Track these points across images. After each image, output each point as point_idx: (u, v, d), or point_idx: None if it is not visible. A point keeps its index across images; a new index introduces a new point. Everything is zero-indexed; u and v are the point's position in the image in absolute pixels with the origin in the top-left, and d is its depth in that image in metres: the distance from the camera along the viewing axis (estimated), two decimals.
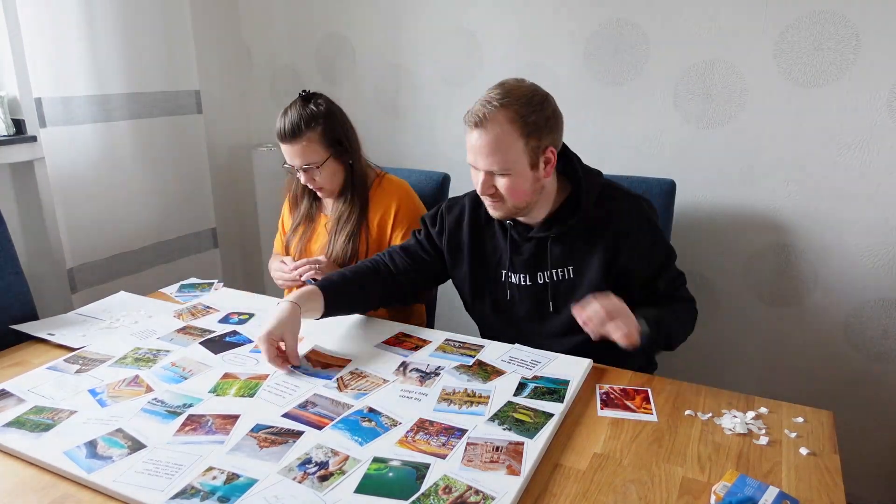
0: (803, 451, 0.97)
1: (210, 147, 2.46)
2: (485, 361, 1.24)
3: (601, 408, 1.10)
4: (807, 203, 1.76)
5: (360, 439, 0.99)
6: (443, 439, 0.99)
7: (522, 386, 1.15)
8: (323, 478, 0.90)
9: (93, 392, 1.14)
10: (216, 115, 2.51)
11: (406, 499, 0.86)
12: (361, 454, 0.95)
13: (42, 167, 1.95)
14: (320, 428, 1.02)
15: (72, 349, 1.32)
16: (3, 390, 1.14)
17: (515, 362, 1.23)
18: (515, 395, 1.11)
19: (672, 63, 1.82)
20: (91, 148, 2.02)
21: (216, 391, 1.14)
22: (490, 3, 2.02)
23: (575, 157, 1.32)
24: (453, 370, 1.20)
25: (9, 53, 1.87)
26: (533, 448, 0.96)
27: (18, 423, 1.04)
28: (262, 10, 2.46)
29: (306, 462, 0.93)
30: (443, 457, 0.94)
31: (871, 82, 1.62)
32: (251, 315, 1.48)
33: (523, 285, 1.35)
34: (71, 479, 0.92)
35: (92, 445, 0.98)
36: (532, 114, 1.18)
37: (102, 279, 2.11)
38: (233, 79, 2.57)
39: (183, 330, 1.40)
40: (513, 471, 0.91)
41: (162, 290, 1.67)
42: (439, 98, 2.19)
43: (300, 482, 0.89)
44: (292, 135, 1.51)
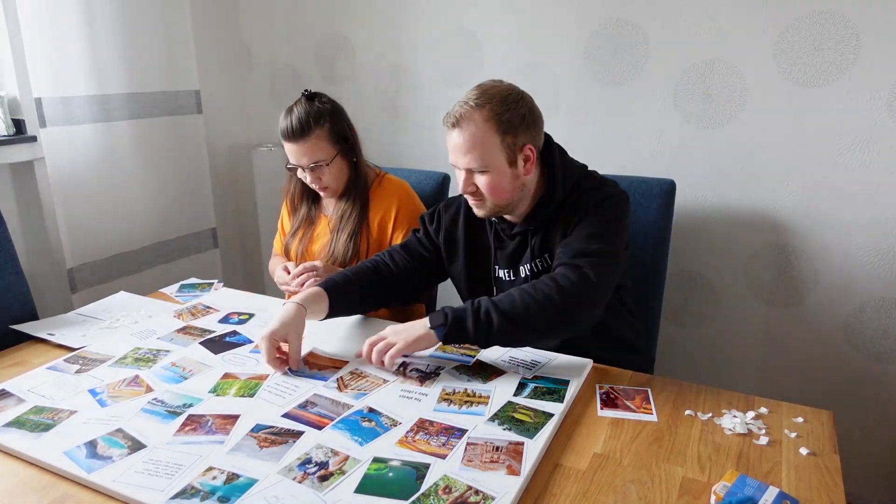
0: (803, 451, 0.97)
1: (210, 147, 2.46)
2: (485, 361, 1.24)
3: (601, 408, 1.10)
4: (807, 203, 1.76)
5: (360, 439, 0.99)
6: (443, 439, 0.99)
7: (522, 386, 1.15)
8: (323, 478, 0.90)
9: (93, 392, 1.14)
10: (216, 115, 2.51)
11: (406, 499, 0.86)
12: (361, 454, 0.95)
13: (42, 167, 1.95)
14: (320, 428, 1.02)
15: (72, 349, 1.32)
16: (3, 390, 1.14)
17: (515, 362, 1.23)
18: (515, 395, 1.11)
19: (672, 63, 1.82)
20: (91, 148, 2.02)
21: (216, 391, 1.14)
22: (490, 3, 2.02)
23: (557, 151, 1.33)
24: (453, 370, 1.20)
25: (9, 53, 1.87)
26: (533, 448, 0.96)
27: (18, 423, 1.04)
28: (262, 10, 2.46)
29: (306, 462, 0.93)
30: (443, 457, 0.94)
31: (871, 82, 1.62)
32: (251, 315, 1.48)
33: (508, 280, 1.37)
34: (71, 479, 0.92)
35: (92, 445, 0.98)
36: (507, 112, 1.22)
37: (102, 279, 2.11)
38: (233, 79, 2.57)
39: (183, 330, 1.40)
40: (513, 471, 0.91)
41: (162, 290, 1.67)
42: (439, 98, 2.19)
43: (300, 482, 0.89)
44: (301, 132, 1.50)
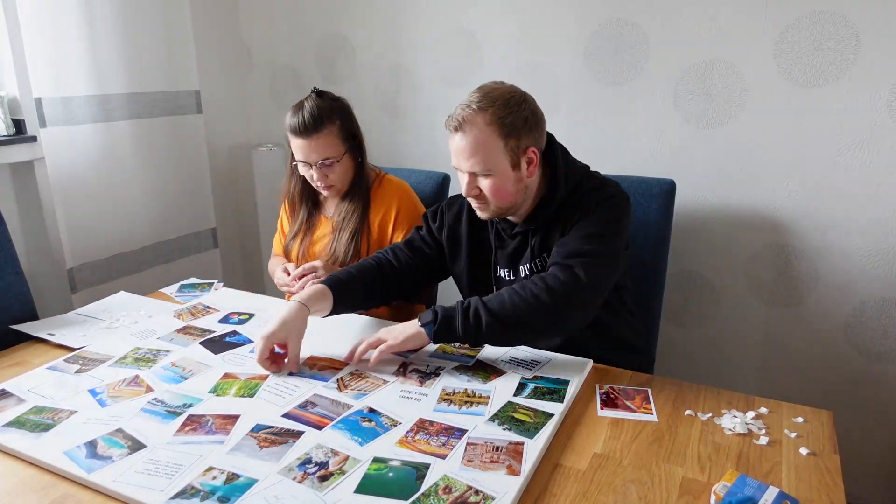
0: (803, 451, 0.97)
1: (210, 147, 2.46)
2: (485, 361, 1.24)
3: (601, 408, 1.10)
4: (807, 203, 1.76)
5: (360, 439, 0.99)
6: (443, 439, 0.99)
7: (522, 386, 1.15)
8: (323, 478, 0.90)
9: (93, 392, 1.14)
10: (216, 115, 2.51)
11: (406, 499, 0.86)
12: (361, 454, 0.95)
13: (42, 167, 1.95)
14: (320, 428, 1.02)
15: (72, 349, 1.32)
16: (3, 390, 1.14)
17: (515, 362, 1.23)
18: (515, 396, 1.11)
19: (672, 63, 1.82)
20: (91, 148, 2.02)
21: (216, 391, 1.14)
22: (490, 3, 2.02)
23: (560, 151, 1.33)
24: (453, 370, 1.20)
25: (9, 53, 1.87)
26: (533, 448, 0.96)
27: (18, 423, 1.04)
28: (262, 10, 2.46)
29: (306, 462, 0.93)
30: (443, 457, 0.94)
31: (871, 82, 1.62)
32: (251, 315, 1.48)
33: (508, 279, 1.38)
34: (71, 479, 0.92)
35: (92, 445, 0.98)
36: (510, 115, 1.21)
37: (102, 279, 2.11)
38: (233, 79, 2.57)
39: (183, 330, 1.40)
40: (513, 471, 0.91)
41: (162, 290, 1.67)
42: (439, 98, 2.19)
43: (300, 482, 0.89)
44: (314, 127, 1.48)
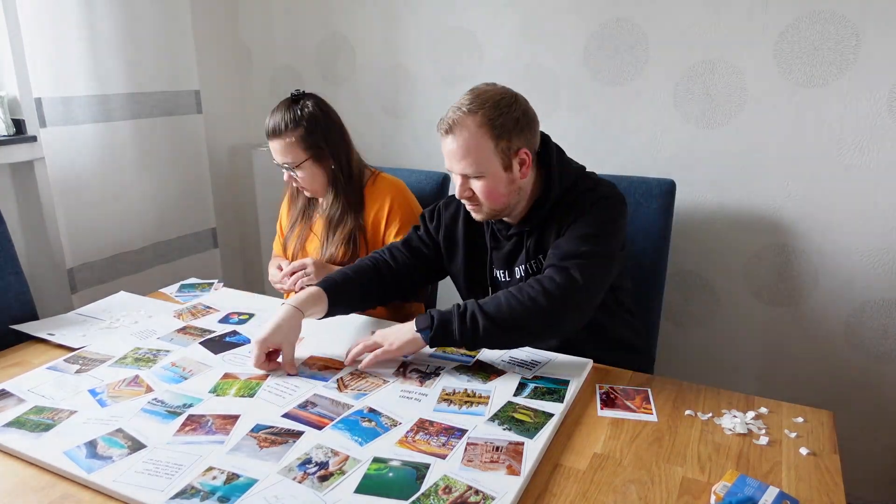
0: (803, 451, 0.97)
1: (210, 147, 2.46)
2: (485, 361, 1.24)
3: (601, 408, 1.10)
4: (807, 203, 1.76)
5: (360, 439, 0.99)
6: (443, 439, 0.99)
7: (522, 386, 1.15)
8: (323, 478, 0.90)
9: (93, 392, 1.14)
10: (216, 115, 2.51)
11: (406, 499, 0.86)
12: (361, 454, 0.95)
13: (42, 167, 1.95)
14: (320, 428, 1.02)
15: (72, 349, 1.32)
16: (3, 390, 1.14)
17: (515, 362, 1.23)
18: (515, 396, 1.11)
19: (672, 63, 1.82)
20: (91, 148, 2.02)
21: (216, 391, 1.14)
22: (490, 3, 2.02)
23: (555, 151, 1.32)
24: (453, 370, 1.21)
25: (9, 53, 1.87)
26: (533, 448, 0.96)
27: (18, 423, 1.04)
28: (262, 10, 2.46)
29: (306, 462, 0.93)
30: (443, 457, 0.94)
31: (871, 82, 1.62)
32: (251, 315, 1.48)
33: (504, 280, 1.38)
34: (71, 479, 0.92)
35: (92, 445, 0.98)
36: (500, 116, 1.21)
37: (102, 279, 2.11)
38: (233, 79, 2.57)
39: (183, 330, 1.40)
40: (513, 471, 0.91)
41: (162, 290, 1.67)
42: (439, 98, 2.19)
43: (300, 482, 0.89)
44: (274, 133, 1.57)
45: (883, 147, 1.64)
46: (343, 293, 1.33)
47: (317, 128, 1.58)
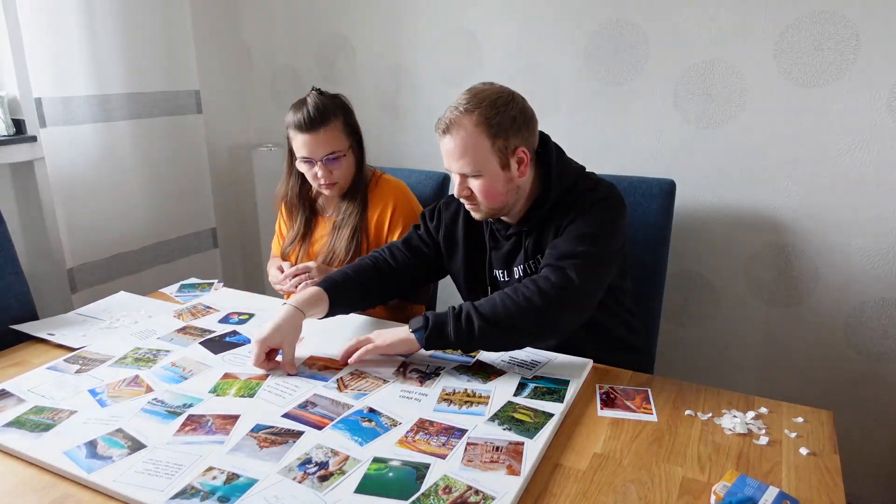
0: (803, 451, 0.97)
1: (210, 147, 2.46)
2: (485, 361, 1.24)
3: (601, 408, 1.10)
4: (807, 203, 1.76)
5: (360, 439, 0.99)
6: (443, 439, 0.99)
7: (522, 386, 1.15)
8: (323, 478, 0.90)
9: (93, 392, 1.14)
10: (216, 115, 2.51)
11: (406, 499, 0.86)
12: (361, 454, 0.95)
13: (42, 167, 1.95)
14: (320, 428, 1.02)
15: (72, 349, 1.32)
16: (3, 390, 1.14)
17: (515, 362, 1.23)
18: (515, 396, 1.11)
19: (672, 63, 1.82)
20: (91, 148, 2.02)
21: (216, 391, 1.14)
22: (490, 3, 2.02)
23: (554, 151, 1.32)
24: (453, 370, 1.21)
25: (9, 53, 1.87)
26: (533, 448, 0.96)
27: (18, 423, 1.04)
28: (262, 10, 2.46)
29: (306, 462, 0.93)
30: (443, 457, 0.94)
31: (871, 82, 1.62)
32: (251, 315, 1.48)
33: (503, 280, 1.38)
34: (71, 479, 0.92)
35: (92, 445, 0.98)
36: (497, 115, 1.21)
37: (102, 279, 2.11)
38: (233, 79, 2.57)
39: (183, 330, 1.40)
40: (513, 471, 0.91)
41: (162, 290, 1.67)
42: (439, 98, 2.19)
43: (300, 482, 0.89)
44: (320, 120, 1.50)
45: (883, 147, 1.64)
46: (343, 293, 1.34)
47: (352, 115, 1.59)
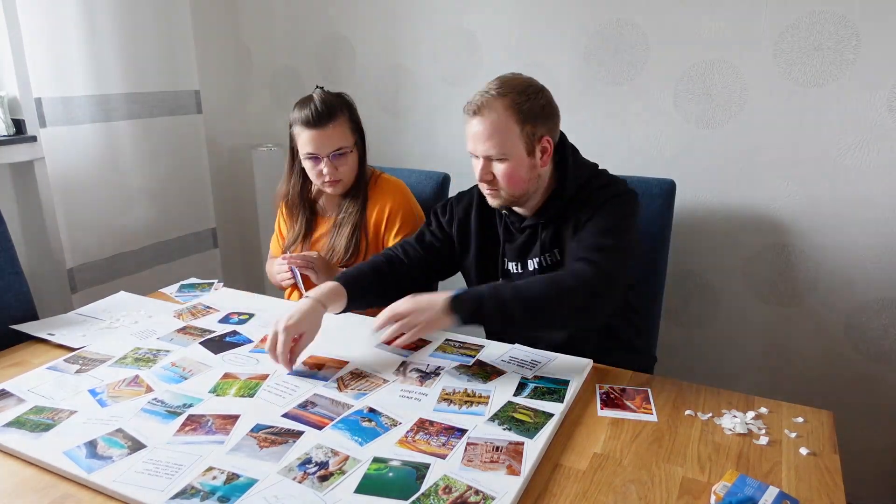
0: (803, 451, 0.97)
1: (210, 147, 2.46)
2: (485, 361, 1.24)
3: (601, 408, 1.10)
4: (807, 203, 1.76)
5: (360, 439, 0.99)
6: (443, 439, 0.99)
7: (522, 386, 1.15)
8: (323, 478, 0.90)
9: (93, 392, 1.14)
10: (216, 115, 2.51)
11: (406, 499, 0.86)
12: (361, 454, 0.95)
13: (42, 167, 1.95)
14: (320, 428, 1.02)
15: (72, 349, 1.32)
16: (3, 390, 1.14)
17: (515, 362, 1.23)
18: (515, 395, 1.11)
19: (672, 63, 1.82)
20: (91, 148, 2.02)
21: (216, 391, 1.14)
22: (490, 3, 2.02)
23: (570, 149, 1.36)
24: (453, 370, 1.20)
25: (9, 53, 1.87)
26: (533, 448, 0.96)
27: (18, 423, 1.04)
28: (262, 10, 2.46)
29: (306, 462, 0.93)
30: (443, 457, 0.94)
31: (871, 82, 1.61)
32: (251, 315, 1.48)
33: (516, 273, 1.38)
34: (71, 479, 0.92)
35: (92, 445, 0.98)
36: (527, 101, 1.25)
37: (102, 279, 2.11)
38: (233, 79, 2.57)
39: (183, 330, 1.40)
40: (513, 471, 0.91)
41: (162, 290, 1.67)
42: (439, 98, 2.19)
43: (300, 482, 0.89)
44: (328, 116, 1.52)
45: (883, 147, 1.64)
46: (361, 289, 1.34)
47: (356, 113, 1.61)
